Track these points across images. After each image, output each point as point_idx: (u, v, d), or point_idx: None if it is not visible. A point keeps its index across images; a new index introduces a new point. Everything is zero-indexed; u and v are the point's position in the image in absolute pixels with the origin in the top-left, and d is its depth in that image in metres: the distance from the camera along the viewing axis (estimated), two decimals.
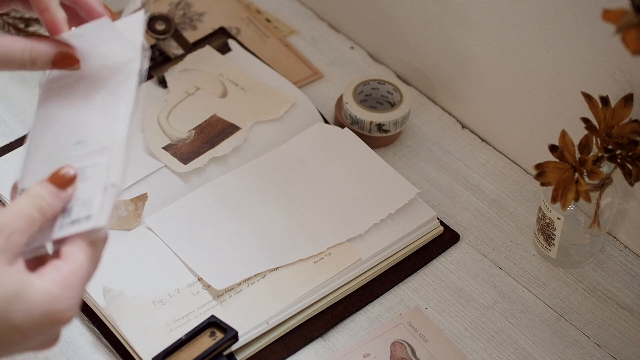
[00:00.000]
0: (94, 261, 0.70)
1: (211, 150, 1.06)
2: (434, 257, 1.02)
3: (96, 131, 0.72)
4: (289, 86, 1.13)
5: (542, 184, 0.90)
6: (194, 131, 1.08)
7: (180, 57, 1.14)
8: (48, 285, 0.66)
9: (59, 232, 0.68)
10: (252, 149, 1.07)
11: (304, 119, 1.10)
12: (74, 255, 0.68)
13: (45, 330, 0.67)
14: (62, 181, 0.70)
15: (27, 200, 0.68)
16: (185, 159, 1.05)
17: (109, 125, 0.72)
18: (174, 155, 1.05)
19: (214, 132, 1.08)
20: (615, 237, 1.04)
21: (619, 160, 0.91)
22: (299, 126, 1.09)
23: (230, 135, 1.07)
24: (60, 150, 0.72)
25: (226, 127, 1.08)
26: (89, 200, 0.69)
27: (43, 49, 0.75)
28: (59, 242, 0.69)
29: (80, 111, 0.74)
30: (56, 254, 0.69)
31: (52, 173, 0.70)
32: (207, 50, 1.15)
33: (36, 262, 0.70)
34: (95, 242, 0.69)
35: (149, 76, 1.14)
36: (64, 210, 0.69)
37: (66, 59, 0.75)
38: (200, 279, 0.95)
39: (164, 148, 1.06)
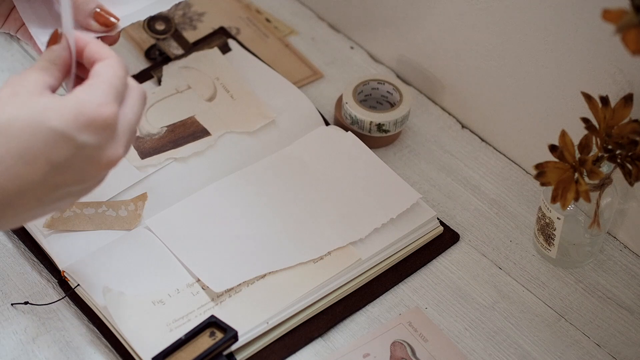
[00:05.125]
0: (118, 75, 0.75)
1: (172, 151, 1.05)
2: (434, 257, 1.02)
3: None
4: (289, 86, 1.13)
5: (542, 184, 0.90)
6: (165, 128, 1.07)
7: (179, 57, 1.14)
8: (75, 93, 0.73)
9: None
10: (221, 156, 1.06)
11: (303, 119, 1.10)
12: (99, 71, 0.75)
13: (87, 132, 0.72)
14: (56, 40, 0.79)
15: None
16: (145, 153, 1.05)
17: None
18: (136, 148, 1.05)
19: (183, 133, 1.07)
20: (615, 237, 1.04)
21: (618, 160, 0.91)
22: (299, 126, 1.09)
23: (198, 139, 1.07)
24: None
25: (197, 131, 1.07)
26: None
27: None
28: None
29: None
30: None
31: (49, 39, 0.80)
32: (214, 52, 1.15)
33: None
34: (116, 61, 0.76)
35: (149, 76, 1.14)
36: None
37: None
38: (199, 280, 0.95)
39: None
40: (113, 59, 0.76)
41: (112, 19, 0.90)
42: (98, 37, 0.91)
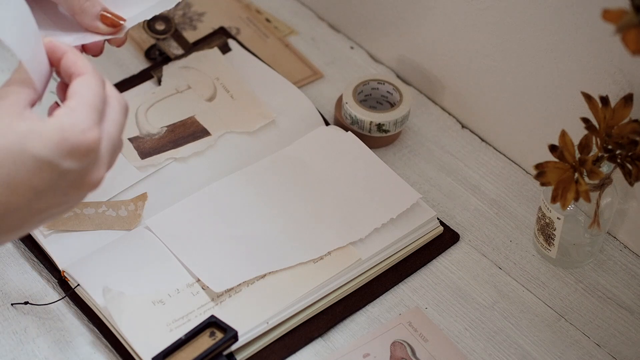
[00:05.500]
0: (97, 93, 0.74)
1: (172, 151, 1.05)
2: (434, 257, 1.02)
3: None
4: (289, 86, 1.13)
5: (542, 184, 0.90)
6: (165, 128, 1.07)
7: (179, 57, 1.14)
8: (57, 117, 0.71)
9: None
10: (221, 156, 1.06)
11: (303, 119, 1.10)
12: (78, 90, 0.73)
13: (71, 158, 0.71)
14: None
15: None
16: (145, 154, 1.05)
17: None
18: (136, 148, 1.05)
19: (184, 133, 1.07)
20: (615, 237, 1.04)
21: (618, 160, 0.91)
22: (299, 126, 1.09)
23: (198, 139, 1.07)
24: None
25: (197, 131, 1.07)
26: None
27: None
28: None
29: None
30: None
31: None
32: (214, 52, 1.14)
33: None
34: (93, 77, 0.75)
35: (149, 76, 1.14)
36: None
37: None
38: (199, 280, 0.95)
39: (129, 139, 1.06)
40: (90, 75, 0.74)
41: (119, 21, 0.91)
42: (106, 40, 0.92)
